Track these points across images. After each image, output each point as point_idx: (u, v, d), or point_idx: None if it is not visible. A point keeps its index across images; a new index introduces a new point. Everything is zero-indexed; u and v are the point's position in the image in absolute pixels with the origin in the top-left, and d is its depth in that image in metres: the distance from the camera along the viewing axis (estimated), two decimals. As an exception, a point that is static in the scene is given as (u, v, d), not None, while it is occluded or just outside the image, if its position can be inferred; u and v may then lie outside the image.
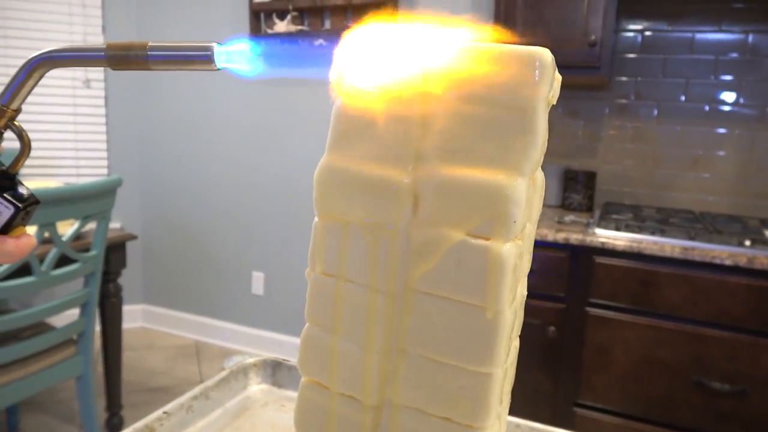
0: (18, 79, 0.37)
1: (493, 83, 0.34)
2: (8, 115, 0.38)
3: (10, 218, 0.37)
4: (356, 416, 0.40)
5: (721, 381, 1.65)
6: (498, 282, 0.34)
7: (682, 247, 1.65)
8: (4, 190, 0.37)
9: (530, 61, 0.33)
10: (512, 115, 0.34)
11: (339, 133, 0.39)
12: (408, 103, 0.36)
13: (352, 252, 0.39)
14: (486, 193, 0.34)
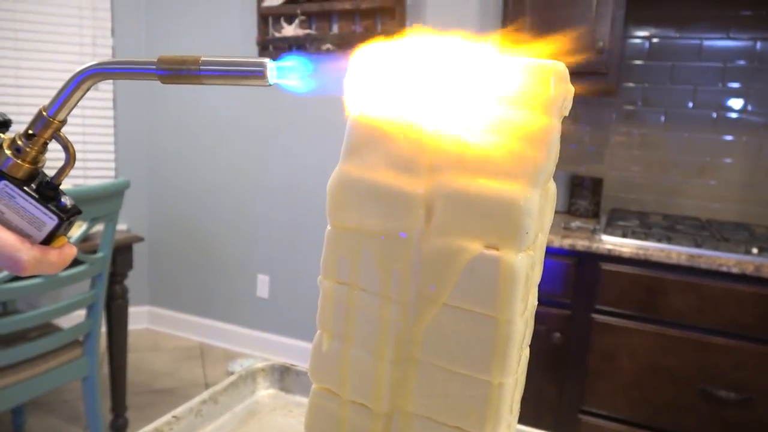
0: (66, 90, 0.37)
1: (507, 95, 0.34)
2: (54, 126, 0.38)
3: (54, 229, 0.38)
4: (367, 424, 0.41)
5: (728, 389, 1.64)
6: (510, 292, 0.34)
7: (688, 254, 1.64)
8: (48, 200, 0.38)
9: (544, 74, 0.33)
10: (524, 126, 0.34)
11: (353, 143, 0.39)
12: (421, 114, 0.37)
13: (365, 261, 0.39)
14: (499, 204, 0.34)
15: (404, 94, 0.37)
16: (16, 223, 0.37)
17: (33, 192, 0.37)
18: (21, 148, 0.37)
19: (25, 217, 0.37)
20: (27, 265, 0.37)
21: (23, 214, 0.37)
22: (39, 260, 0.37)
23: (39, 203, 0.37)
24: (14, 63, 3.12)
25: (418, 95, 0.37)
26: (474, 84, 0.35)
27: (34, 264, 0.37)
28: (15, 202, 0.37)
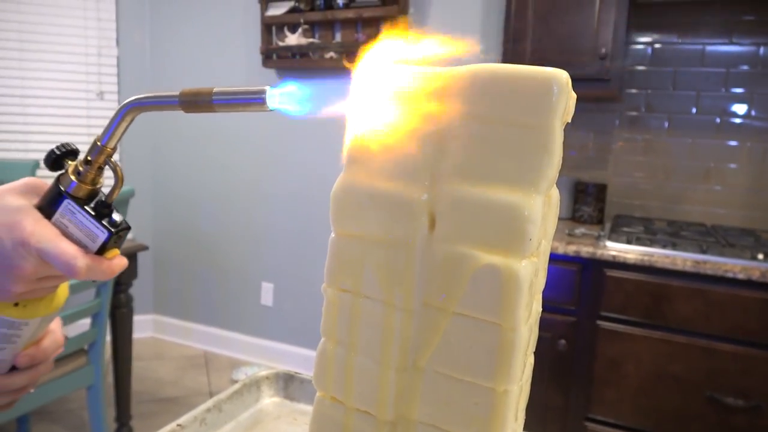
0: (114, 122, 0.43)
1: (509, 103, 0.34)
2: (106, 153, 0.44)
3: (105, 241, 0.43)
4: (370, 429, 0.41)
5: (735, 396, 1.63)
6: (514, 299, 0.34)
7: (693, 260, 1.64)
8: (102, 217, 0.43)
9: (546, 82, 0.34)
10: (529, 135, 0.34)
11: (356, 150, 0.39)
12: (425, 122, 0.37)
13: (369, 268, 0.39)
14: (502, 211, 0.35)
15: (407, 100, 0.37)
16: (76, 235, 0.43)
17: (90, 209, 0.43)
18: (81, 172, 0.44)
19: (82, 231, 0.43)
20: (80, 270, 0.42)
21: (81, 228, 0.43)
22: (91, 267, 0.43)
23: (94, 219, 0.43)
24: (19, 73, 3.15)
25: (421, 101, 0.37)
26: (476, 92, 0.36)
27: (87, 270, 0.42)
28: (75, 217, 0.43)
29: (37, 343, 0.52)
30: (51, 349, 0.53)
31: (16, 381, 0.52)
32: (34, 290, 0.46)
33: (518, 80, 0.34)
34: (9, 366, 0.50)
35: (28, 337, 0.49)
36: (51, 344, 0.53)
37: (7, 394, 0.53)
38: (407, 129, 0.37)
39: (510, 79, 0.35)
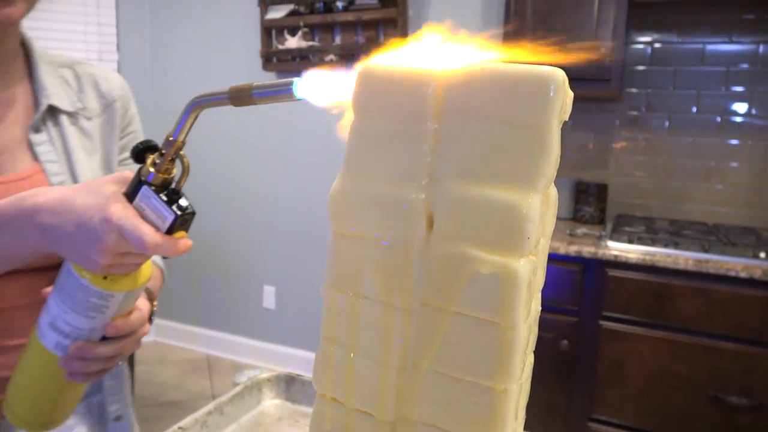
0: (182, 118, 0.49)
1: (506, 102, 0.34)
2: (177, 146, 0.50)
3: (172, 223, 0.49)
4: (371, 430, 0.41)
5: (739, 395, 1.63)
6: (513, 298, 0.34)
7: (695, 259, 1.64)
8: (172, 202, 0.50)
9: (543, 81, 0.34)
10: (526, 133, 0.34)
11: (354, 151, 0.40)
12: (421, 122, 0.37)
13: (367, 268, 0.39)
14: (500, 210, 0.35)
15: (404, 99, 0.38)
16: (150, 217, 0.50)
17: (163, 195, 0.50)
18: (157, 164, 0.50)
19: (155, 213, 0.50)
20: (149, 245, 0.48)
21: (154, 211, 0.50)
22: (159, 244, 0.49)
23: (165, 203, 0.49)
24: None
25: (418, 100, 0.37)
26: (473, 91, 0.36)
27: (154, 246, 0.48)
28: (150, 202, 0.50)
29: (125, 317, 0.58)
30: (137, 324, 0.60)
31: (105, 350, 0.58)
32: (117, 265, 0.52)
33: (515, 79, 0.34)
34: (100, 335, 0.57)
35: (115, 310, 0.56)
36: (137, 320, 0.60)
37: (99, 362, 0.58)
38: (404, 128, 0.38)
39: (507, 78, 0.35)
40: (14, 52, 0.78)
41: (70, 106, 0.80)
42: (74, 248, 0.52)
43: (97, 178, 0.54)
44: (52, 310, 0.56)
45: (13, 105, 0.77)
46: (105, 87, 0.85)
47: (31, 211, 0.53)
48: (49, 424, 0.63)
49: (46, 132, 0.77)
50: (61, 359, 0.57)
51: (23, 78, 0.79)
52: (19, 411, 0.61)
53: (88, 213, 0.50)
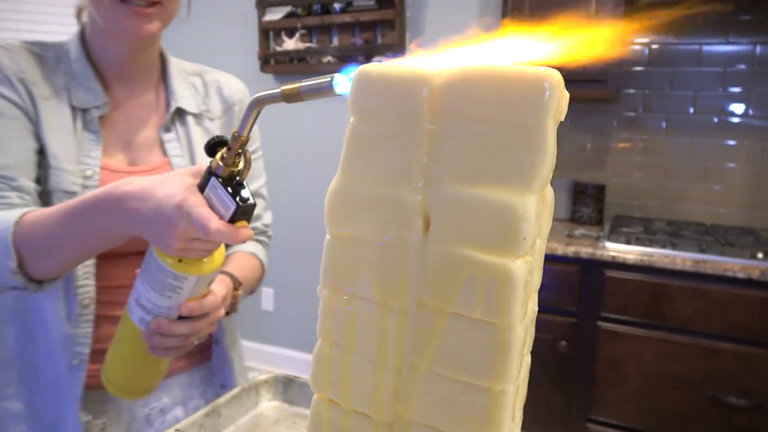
0: (246, 116, 0.53)
1: (502, 103, 0.34)
2: (241, 140, 0.54)
3: (233, 212, 0.54)
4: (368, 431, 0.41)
5: (737, 395, 1.63)
6: (509, 298, 0.34)
7: (693, 260, 1.64)
8: (236, 193, 0.54)
9: (538, 81, 0.34)
10: (522, 134, 0.34)
11: (351, 152, 0.40)
12: (417, 123, 0.37)
13: (364, 269, 0.39)
14: (496, 210, 0.35)
15: (401, 101, 0.38)
16: (216, 206, 0.55)
17: (228, 187, 0.54)
18: (224, 157, 0.55)
19: (221, 203, 0.54)
20: (212, 231, 0.53)
21: (220, 201, 0.54)
22: (221, 231, 0.53)
23: (229, 194, 0.54)
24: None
25: (415, 102, 0.37)
26: (469, 91, 0.36)
27: (216, 233, 0.53)
28: (217, 192, 0.54)
29: (199, 299, 0.65)
30: (210, 306, 0.66)
31: (181, 328, 0.64)
32: (189, 249, 0.58)
33: (511, 80, 0.34)
34: (177, 314, 0.63)
35: (189, 291, 0.61)
36: (210, 303, 0.66)
37: (176, 339, 0.65)
38: (400, 129, 0.38)
39: (502, 78, 0.35)
40: (153, 62, 0.91)
41: (196, 109, 0.93)
42: (153, 232, 0.58)
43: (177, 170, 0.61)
44: (138, 287, 0.63)
45: (150, 107, 0.90)
46: (227, 92, 0.98)
47: (120, 197, 0.60)
48: (138, 393, 0.71)
49: (175, 131, 0.90)
50: (144, 333, 0.64)
51: (159, 84, 0.92)
52: (113, 378, 0.69)
53: (164, 201, 0.56)
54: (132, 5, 0.77)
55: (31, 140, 0.79)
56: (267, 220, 1.08)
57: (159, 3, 0.79)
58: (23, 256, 0.67)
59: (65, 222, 0.65)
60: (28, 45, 0.84)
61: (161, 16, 0.81)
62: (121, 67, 0.86)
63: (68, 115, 0.82)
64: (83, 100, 0.83)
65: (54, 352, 0.80)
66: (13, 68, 0.80)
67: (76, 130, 0.82)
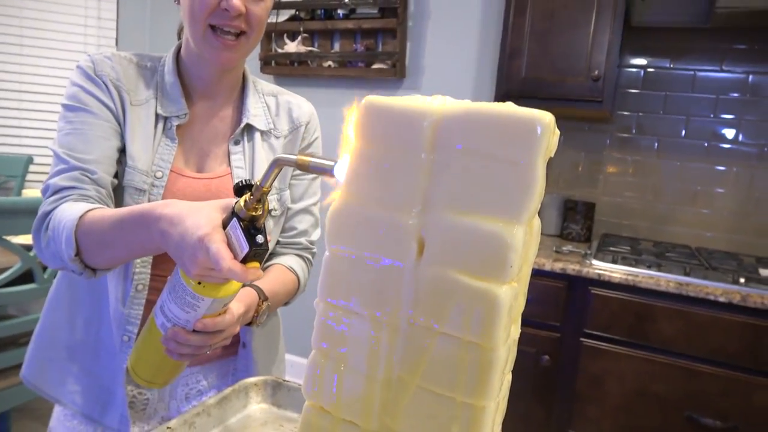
0: (268, 171, 0.58)
1: (498, 140, 0.37)
2: (263, 191, 0.59)
3: (246, 253, 0.59)
4: (356, 441, 0.43)
5: (714, 417, 1.66)
6: (494, 321, 0.37)
7: (677, 282, 1.67)
8: (251, 236, 0.59)
9: (531, 123, 0.36)
10: (514, 170, 0.37)
11: (353, 175, 0.42)
12: (417, 153, 0.39)
13: (359, 286, 0.41)
14: (487, 239, 0.37)
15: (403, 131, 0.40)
16: (234, 245, 0.59)
17: (245, 229, 0.59)
18: (247, 203, 0.59)
19: (237, 243, 0.59)
20: (224, 269, 0.57)
21: (237, 241, 0.59)
22: (231, 269, 0.58)
23: (245, 236, 0.59)
24: (18, 68, 3.15)
25: (417, 134, 0.40)
26: (468, 128, 0.38)
27: (227, 270, 0.57)
28: (236, 233, 0.59)
29: (214, 317, 0.70)
30: (224, 324, 0.72)
31: (194, 339, 0.70)
32: (207, 276, 0.62)
33: (507, 120, 0.37)
34: (192, 327, 0.68)
35: (204, 310, 0.67)
36: (224, 321, 0.72)
37: (190, 348, 0.70)
38: (402, 158, 0.40)
39: (499, 118, 0.37)
40: (236, 82, 1.01)
41: (264, 126, 1.01)
42: (177, 254, 0.63)
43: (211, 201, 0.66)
44: (163, 296, 0.69)
45: (225, 121, 1.00)
46: (296, 113, 1.06)
47: (158, 217, 0.66)
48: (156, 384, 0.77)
49: (242, 144, 0.99)
50: (162, 337, 0.70)
51: (237, 101, 1.02)
52: (136, 369, 0.76)
53: (191, 230, 0.61)
54: (222, 38, 0.88)
55: (116, 140, 0.90)
56: (314, 237, 1.11)
57: (245, 35, 0.90)
58: (81, 247, 0.77)
59: (115, 227, 0.74)
60: (129, 55, 0.96)
61: (245, 47, 0.91)
62: (206, 85, 0.97)
63: (152, 121, 0.93)
64: (167, 110, 0.94)
65: (111, 328, 0.92)
66: (111, 76, 0.91)
67: (156, 135, 0.93)
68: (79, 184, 0.84)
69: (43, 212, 0.83)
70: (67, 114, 0.90)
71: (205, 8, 0.86)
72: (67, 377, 0.97)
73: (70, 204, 0.81)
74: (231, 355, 1.03)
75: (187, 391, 1.00)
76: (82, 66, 0.92)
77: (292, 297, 1.04)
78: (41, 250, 0.84)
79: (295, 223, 1.06)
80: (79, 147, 0.87)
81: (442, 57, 2.64)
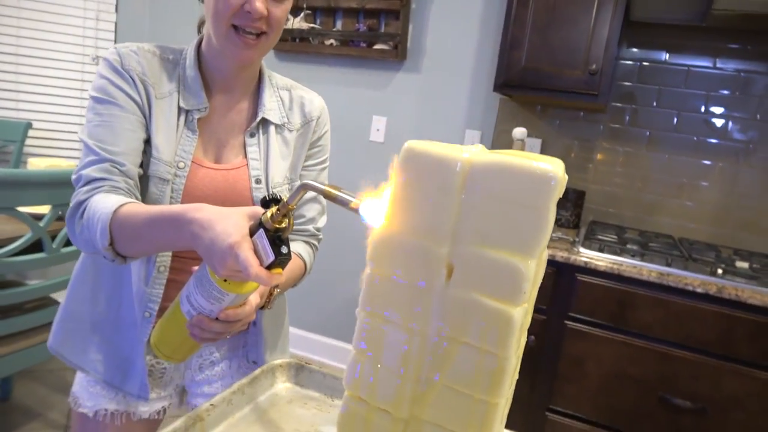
0: (295, 193, 0.65)
1: (517, 188, 0.45)
2: (288, 208, 0.65)
3: (271, 263, 0.65)
4: (389, 426, 0.51)
5: (684, 398, 1.75)
6: (508, 336, 0.45)
7: (658, 271, 1.74)
8: (276, 246, 0.66)
9: (546, 176, 0.44)
10: (530, 213, 0.45)
11: (395, 208, 0.49)
12: (449, 192, 0.47)
13: (395, 301, 0.50)
14: (505, 269, 0.45)
15: (439, 174, 0.47)
16: (260, 252, 0.66)
17: (271, 241, 0.65)
18: (273, 216, 0.66)
19: (263, 251, 0.66)
20: (251, 274, 0.64)
21: (263, 250, 0.66)
22: (258, 275, 0.64)
23: (271, 247, 0.65)
24: (15, 31, 3.14)
25: (450, 178, 0.47)
26: (492, 176, 0.46)
27: (255, 276, 0.64)
28: (262, 242, 0.66)
29: (235, 308, 0.76)
30: (244, 315, 0.78)
31: (217, 327, 0.76)
32: (233, 276, 0.69)
33: (525, 171, 0.45)
34: (216, 316, 0.75)
35: (227, 303, 0.73)
36: (245, 312, 0.78)
37: (211, 333, 0.77)
38: (436, 195, 0.47)
39: (522, 171, 0.45)
40: (253, 77, 1.06)
41: (279, 120, 1.07)
42: (207, 256, 0.69)
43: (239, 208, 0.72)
44: (190, 287, 0.75)
45: (242, 113, 1.06)
46: (308, 108, 1.12)
47: (190, 220, 0.72)
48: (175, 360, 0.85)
49: (257, 137, 1.05)
50: (187, 323, 0.77)
51: (253, 95, 1.07)
52: (159, 346, 0.83)
53: (221, 237, 0.66)
54: (243, 37, 0.93)
55: (142, 132, 0.96)
56: (320, 224, 1.18)
57: (265, 35, 0.95)
58: (114, 238, 0.83)
59: (148, 224, 0.79)
60: (153, 48, 1.00)
61: (264, 46, 0.96)
62: (225, 79, 1.02)
63: (174, 113, 0.98)
64: (189, 103, 0.99)
65: (132, 304, 1.00)
66: (138, 70, 0.96)
67: (178, 127, 0.99)
68: (109, 176, 0.90)
69: (77, 201, 0.89)
70: (96, 106, 0.94)
71: (229, 9, 0.90)
72: (89, 347, 1.05)
73: (102, 196, 0.87)
74: (242, 331, 1.10)
75: (201, 362, 1.09)
76: (109, 59, 0.96)
77: (299, 280, 1.10)
78: (75, 236, 0.90)
79: (303, 211, 1.13)
80: (108, 139, 0.92)
81: (443, 41, 2.68)
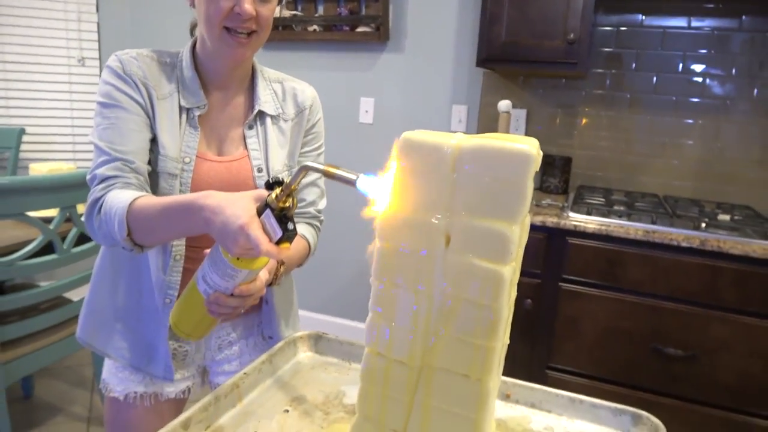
0: (297, 174, 0.71)
1: (499, 166, 0.53)
2: (291, 189, 0.71)
3: (279, 238, 0.72)
4: (405, 374, 0.61)
5: (675, 347, 1.85)
6: (500, 291, 0.54)
7: (644, 230, 1.83)
8: (283, 224, 0.72)
9: (524, 156, 0.52)
10: (511, 186, 0.53)
11: (397, 189, 0.58)
12: (442, 171, 0.55)
13: (403, 268, 0.58)
14: (494, 235, 0.53)
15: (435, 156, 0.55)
16: (268, 230, 0.72)
17: (278, 219, 0.71)
18: (278, 196, 0.72)
19: (271, 228, 0.72)
20: (263, 251, 0.70)
21: (272, 228, 0.72)
22: (268, 250, 0.71)
23: (278, 224, 0.71)
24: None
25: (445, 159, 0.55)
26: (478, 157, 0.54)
27: (265, 252, 0.71)
28: (270, 221, 0.72)
29: (248, 284, 0.82)
30: (255, 290, 0.84)
31: (232, 302, 0.82)
32: (245, 254, 0.74)
33: (506, 152, 0.53)
34: (231, 292, 0.81)
35: (241, 279, 0.79)
36: (256, 287, 0.84)
37: (228, 308, 0.82)
38: (431, 175, 0.55)
39: (500, 151, 0.53)
40: (246, 73, 1.13)
41: (274, 111, 1.13)
42: (220, 238, 0.74)
43: (245, 192, 0.77)
44: (205, 267, 0.81)
45: (239, 108, 1.12)
46: (301, 98, 1.18)
47: (201, 207, 0.78)
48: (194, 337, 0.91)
49: (255, 129, 1.12)
50: (205, 301, 0.82)
51: (247, 89, 1.14)
52: (179, 324, 0.88)
53: (232, 219, 0.72)
54: (235, 36, 0.99)
55: (147, 132, 1.02)
56: (321, 206, 1.25)
57: (255, 33, 1.01)
58: (132, 229, 0.89)
59: (161, 214, 0.85)
60: (151, 53, 1.07)
61: (255, 43, 1.03)
62: (221, 77, 1.08)
63: (176, 112, 1.05)
64: (189, 102, 1.05)
65: (153, 292, 1.07)
66: (139, 74, 1.02)
67: (181, 125, 1.05)
68: (121, 173, 0.96)
69: (94, 198, 0.95)
70: (103, 110, 1.01)
71: (220, 13, 0.97)
72: (114, 335, 1.13)
73: (117, 192, 0.93)
74: (255, 311, 1.19)
75: (219, 342, 1.17)
76: (111, 66, 1.03)
77: (304, 260, 1.18)
78: (94, 231, 0.97)
79: (304, 195, 1.20)
80: (117, 140, 0.98)
81: (424, 20, 2.73)
